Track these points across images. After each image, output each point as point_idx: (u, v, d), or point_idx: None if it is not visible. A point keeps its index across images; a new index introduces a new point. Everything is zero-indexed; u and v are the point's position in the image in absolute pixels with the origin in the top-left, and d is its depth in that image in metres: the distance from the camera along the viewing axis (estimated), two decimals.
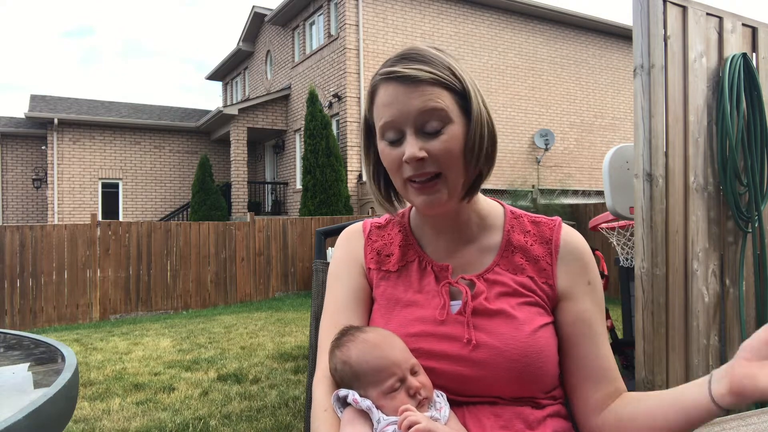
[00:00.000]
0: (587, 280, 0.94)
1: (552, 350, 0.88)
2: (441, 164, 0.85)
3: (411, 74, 0.84)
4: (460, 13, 13.78)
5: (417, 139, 0.84)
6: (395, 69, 0.85)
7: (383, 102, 0.86)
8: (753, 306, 2.64)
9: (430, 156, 0.84)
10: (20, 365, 1.20)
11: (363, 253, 1.01)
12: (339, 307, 0.97)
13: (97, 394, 3.84)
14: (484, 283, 0.92)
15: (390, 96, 0.85)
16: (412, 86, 0.84)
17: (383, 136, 0.88)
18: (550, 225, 0.97)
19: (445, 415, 0.83)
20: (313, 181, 11.35)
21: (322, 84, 13.35)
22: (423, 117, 0.84)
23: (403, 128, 0.85)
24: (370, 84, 0.91)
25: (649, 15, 2.32)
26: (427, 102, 0.83)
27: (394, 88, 0.85)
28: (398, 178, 0.89)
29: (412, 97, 0.83)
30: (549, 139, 14.37)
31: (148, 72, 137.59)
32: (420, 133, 0.85)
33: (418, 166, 0.84)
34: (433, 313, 0.90)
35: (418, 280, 0.94)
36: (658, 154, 2.32)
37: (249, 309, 8.31)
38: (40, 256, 7.76)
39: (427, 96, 0.83)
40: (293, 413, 3.33)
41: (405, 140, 0.85)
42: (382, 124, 0.86)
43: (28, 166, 16.49)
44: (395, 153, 0.86)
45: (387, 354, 0.83)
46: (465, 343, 0.86)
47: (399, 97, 0.84)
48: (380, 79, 0.87)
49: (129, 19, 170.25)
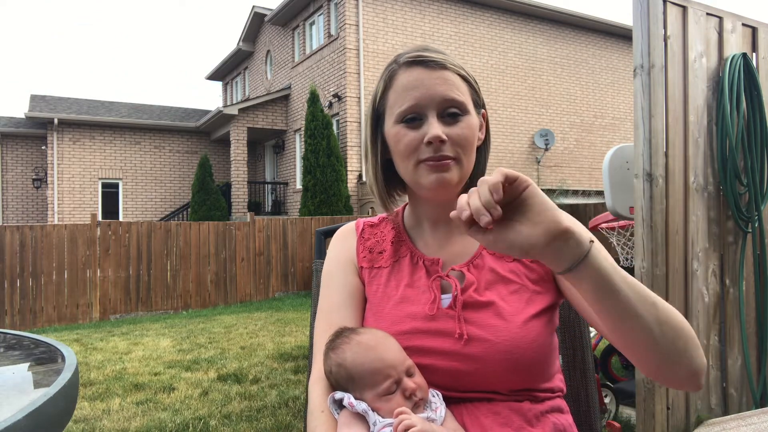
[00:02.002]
0: None
1: (546, 339, 0.87)
2: (458, 149, 0.88)
3: (439, 60, 0.88)
4: (460, 13, 13.78)
5: (439, 123, 0.87)
6: (421, 54, 0.88)
7: (405, 86, 0.88)
8: (753, 306, 2.64)
9: (449, 140, 0.87)
10: (20, 365, 1.20)
11: (355, 252, 1.02)
12: (334, 307, 0.97)
13: (97, 394, 3.84)
14: (473, 270, 0.92)
15: (415, 79, 0.88)
16: (438, 71, 0.88)
17: (401, 119, 0.89)
18: None
19: (441, 415, 0.82)
20: (314, 181, 11.35)
21: (322, 84, 13.35)
22: (446, 103, 0.87)
23: (425, 111, 0.88)
24: (385, 71, 0.93)
25: (649, 15, 2.32)
26: (451, 88, 0.87)
27: (419, 72, 0.88)
28: (411, 161, 0.90)
29: (438, 82, 0.87)
30: (549, 139, 14.37)
31: (148, 72, 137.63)
32: (441, 117, 0.88)
33: (437, 147, 0.87)
34: (423, 308, 0.90)
35: (410, 274, 0.95)
36: (658, 154, 2.32)
37: (249, 309, 8.31)
38: (40, 256, 7.76)
39: (451, 83, 0.88)
40: (293, 413, 3.33)
41: (426, 122, 0.88)
42: (405, 107, 0.88)
43: (28, 166, 16.49)
44: (413, 134, 0.88)
45: (382, 356, 0.83)
46: (457, 338, 0.86)
47: (425, 81, 0.87)
48: (404, 62, 0.89)
49: (129, 19, 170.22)
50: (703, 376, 0.76)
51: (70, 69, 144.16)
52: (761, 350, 2.62)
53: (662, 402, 2.30)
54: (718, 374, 2.50)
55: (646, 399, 2.30)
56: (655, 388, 2.29)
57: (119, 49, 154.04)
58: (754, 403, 2.56)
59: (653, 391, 2.28)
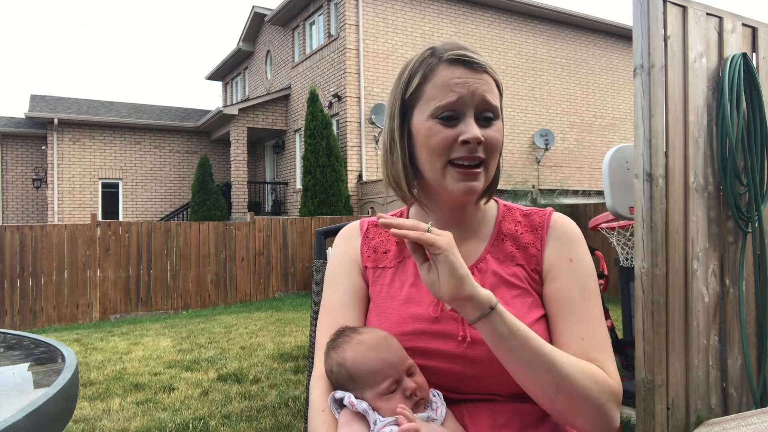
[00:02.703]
0: (569, 257, 0.92)
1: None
2: (489, 152, 0.89)
3: (481, 62, 0.89)
4: (460, 13, 13.78)
5: (476, 124, 0.87)
6: (466, 53, 0.88)
7: (447, 82, 0.87)
8: (753, 306, 2.63)
9: (484, 142, 0.87)
10: (20, 365, 1.20)
11: (360, 251, 1.01)
12: (337, 306, 0.97)
13: (97, 394, 3.84)
14: (477, 274, 0.92)
15: (459, 77, 0.87)
16: (479, 73, 0.88)
17: (438, 115, 0.88)
18: (541, 214, 0.98)
19: (442, 415, 0.82)
20: (313, 181, 11.35)
21: (322, 84, 13.35)
22: (484, 105, 0.88)
23: (464, 110, 0.87)
24: (423, 64, 0.90)
25: (649, 15, 2.32)
26: (490, 92, 0.88)
27: (463, 70, 0.87)
28: (441, 159, 0.88)
29: (480, 84, 0.88)
30: (549, 139, 14.37)
31: (148, 72, 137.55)
32: (478, 119, 0.88)
33: (473, 148, 0.87)
34: (427, 310, 0.90)
35: (414, 274, 0.94)
36: (658, 154, 2.32)
37: (249, 309, 8.31)
38: (40, 256, 7.76)
39: (490, 86, 0.89)
40: (293, 413, 3.33)
41: (462, 121, 0.87)
42: (444, 103, 0.87)
43: (28, 166, 16.49)
44: (448, 132, 0.87)
45: (383, 356, 0.83)
46: (460, 340, 0.86)
47: (468, 80, 0.87)
48: (447, 59, 0.88)
49: (129, 19, 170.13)
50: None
51: (70, 69, 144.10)
52: (761, 350, 2.62)
53: (662, 402, 2.30)
54: (718, 374, 2.50)
55: (646, 399, 2.30)
56: (655, 388, 2.28)
57: (119, 49, 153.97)
58: (754, 403, 2.56)
59: (653, 391, 2.28)
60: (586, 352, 0.85)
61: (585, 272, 0.91)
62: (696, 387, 2.41)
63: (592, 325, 0.87)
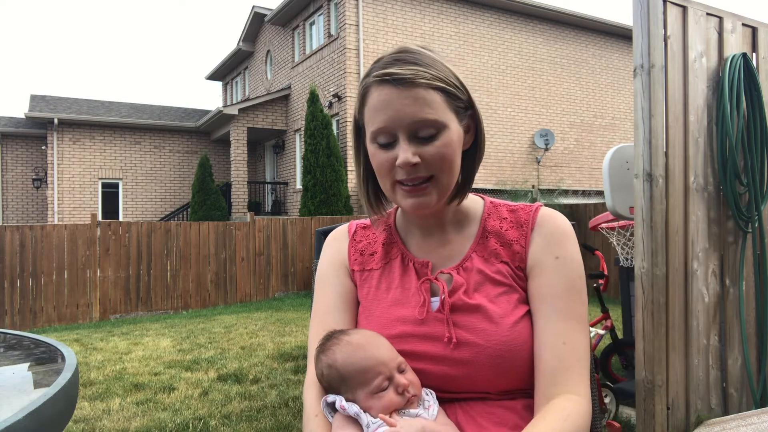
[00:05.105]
0: (556, 254, 0.90)
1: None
2: (433, 169, 0.85)
3: (406, 76, 0.81)
4: (460, 13, 13.78)
5: (410, 144, 0.83)
6: (390, 71, 0.83)
7: (376, 106, 0.84)
8: (753, 306, 2.64)
9: (423, 161, 0.84)
10: (20, 365, 1.20)
11: (347, 254, 1.01)
12: (327, 310, 0.97)
13: (97, 394, 3.84)
14: (462, 273, 0.91)
15: (383, 101, 0.83)
16: (407, 89, 0.82)
17: (374, 140, 0.86)
18: (527, 210, 0.96)
19: (433, 413, 0.83)
20: (314, 181, 11.35)
21: (322, 84, 13.35)
22: (416, 125, 0.83)
23: (395, 132, 0.84)
24: (361, 85, 0.88)
25: (649, 15, 2.32)
26: (422, 108, 0.82)
27: (388, 91, 0.82)
28: (387, 181, 0.87)
29: (407, 103, 0.82)
30: (549, 139, 14.37)
31: (148, 72, 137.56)
32: (413, 139, 0.84)
33: (410, 170, 0.84)
34: (413, 312, 0.90)
35: (400, 276, 0.94)
36: (658, 154, 2.32)
37: (249, 309, 8.31)
38: (40, 256, 7.76)
39: (422, 102, 0.82)
40: (293, 413, 3.33)
41: (397, 144, 0.84)
42: (375, 129, 0.85)
43: (28, 166, 16.49)
44: (386, 156, 0.85)
45: (372, 354, 0.83)
46: (446, 342, 0.86)
47: (393, 102, 0.82)
48: (373, 81, 0.84)
49: (129, 19, 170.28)
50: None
51: (70, 69, 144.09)
52: (761, 350, 2.62)
53: (662, 402, 2.30)
54: (718, 374, 2.50)
55: (646, 399, 2.30)
56: (655, 388, 2.29)
57: (119, 49, 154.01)
58: (754, 403, 2.56)
59: (653, 391, 2.28)
60: (564, 359, 0.83)
61: (572, 270, 0.89)
62: (696, 387, 2.41)
63: (574, 328, 0.86)
